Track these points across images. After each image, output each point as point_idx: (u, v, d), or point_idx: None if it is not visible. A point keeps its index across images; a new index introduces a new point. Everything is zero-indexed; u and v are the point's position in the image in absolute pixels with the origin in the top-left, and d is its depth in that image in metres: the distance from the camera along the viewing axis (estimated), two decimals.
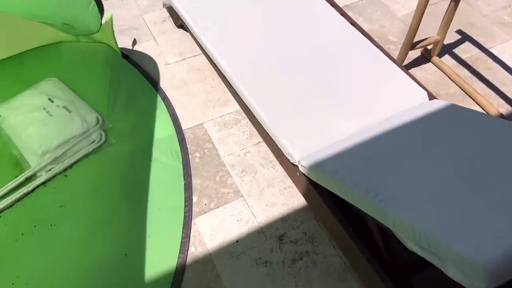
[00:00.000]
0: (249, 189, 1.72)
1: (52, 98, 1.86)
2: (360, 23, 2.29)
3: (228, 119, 1.94)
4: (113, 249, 1.53)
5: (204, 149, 1.84)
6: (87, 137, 1.79)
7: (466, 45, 2.26)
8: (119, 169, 1.74)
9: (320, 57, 1.84)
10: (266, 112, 1.66)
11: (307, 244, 1.58)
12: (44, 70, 2.02)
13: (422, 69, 2.15)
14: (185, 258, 1.54)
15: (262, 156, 1.82)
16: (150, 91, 2.00)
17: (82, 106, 1.88)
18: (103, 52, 2.11)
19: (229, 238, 1.59)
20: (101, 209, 1.63)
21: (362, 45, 1.90)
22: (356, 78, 1.77)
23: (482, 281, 0.92)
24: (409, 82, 1.75)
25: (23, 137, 1.77)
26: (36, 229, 1.57)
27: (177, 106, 1.97)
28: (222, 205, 1.68)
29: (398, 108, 1.65)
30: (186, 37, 2.24)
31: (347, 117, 1.64)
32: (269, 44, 1.90)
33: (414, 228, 1.06)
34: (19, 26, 2.01)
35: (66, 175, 1.71)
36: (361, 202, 1.24)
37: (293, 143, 1.55)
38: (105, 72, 2.05)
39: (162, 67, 2.12)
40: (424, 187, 1.18)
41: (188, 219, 1.63)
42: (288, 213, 1.66)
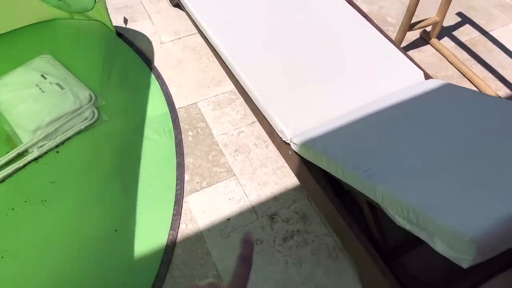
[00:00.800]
0: (241, 168, 1.71)
1: (45, 75, 1.85)
2: (359, 4, 2.26)
3: (222, 99, 1.92)
4: (104, 225, 1.53)
5: (198, 128, 1.83)
6: (80, 114, 1.78)
7: (466, 27, 2.22)
8: (111, 146, 1.73)
9: (317, 37, 1.82)
10: (259, 90, 1.64)
11: (299, 223, 1.57)
12: (37, 47, 2.00)
13: (421, 51, 2.12)
14: (175, 235, 1.53)
15: (255, 136, 1.81)
16: (144, 70, 1.98)
17: (75, 83, 1.86)
18: (97, 30, 2.09)
19: (220, 216, 1.58)
20: (92, 185, 1.62)
21: (360, 25, 1.87)
22: (352, 57, 1.74)
23: (470, 254, 0.91)
24: (406, 62, 1.72)
25: (15, 113, 1.76)
26: (27, 204, 1.56)
27: (171, 85, 1.95)
28: (214, 184, 1.67)
29: (394, 87, 1.63)
30: (182, 16, 2.21)
31: (341, 96, 1.61)
32: (265, 23, 1.88)
33: (402, 202, 1.04)
34: (13, 3, 1.99)
35: (58, 151, 1.70)
36: (351, 178, 1.22)
37: (286, 120, 1.53)
38: (99, 50, 2.03)
39: (156, 46, 2.10)
40: (413, 163, 1.16)
41: (180, 197, 1.62)
42: (280, 193, 1.65)
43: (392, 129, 1.34)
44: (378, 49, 1.78)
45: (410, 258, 1.39)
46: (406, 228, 1.07)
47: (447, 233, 0.95)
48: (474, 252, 0.90)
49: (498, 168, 1.09)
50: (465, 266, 0.93)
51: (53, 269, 1.42)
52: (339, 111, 1.55)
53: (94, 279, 1.41)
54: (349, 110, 1.55)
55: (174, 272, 1.44)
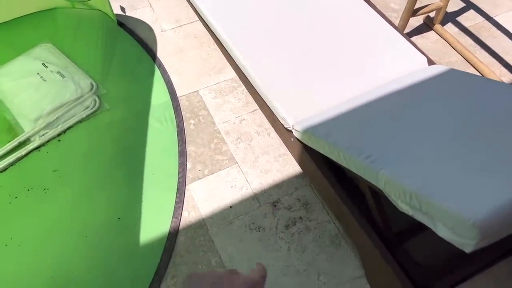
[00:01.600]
0: (243, 156, 1.71)
1: (46, 64, 1.84)
2: None
3: (224, 87, 1.91)
4: (106, 213, 1.53)
5: (199, 116, 1.82)
6: (81, 103, 1.77)
7: (470, 13, 2.20)
8: (113, 134, 1.73)
9: (319, 23, 1.80)
10: (261, 77, 1.63)
11: (301, 210, 1.57)
12: (38, 36, 1.99)
13: (424, 37, 2.09)
14: (178, 223, 1.53)
15: (257, 123, 1.80)
16: (145, 58, 1.97)
17: (76, 71, 1.85)
18: (98, 19, 2.08)
19: (222, 204, 1.58)
20: (95, 173, 1.62)
21: (363, 11, 1.84)
22: (355, 44, 1.72)
23: (473, 238, 0.90)
24: (409, 48, 1.70)
25: (16, 102, 1.76)
26: (29, 192, 1.56)
27: (173, 73, 1.94)
28: (217, 172, 1.67)
29: (396, 73, 1.61)
30: (183, 4, 2.19)
31: (344, 82, 1.60)
32: (267, 10, 1.86)
33: (404, 187, 1.04)
34: None
35: (59, 140, 1.70)
36: (353, 164, 1.21)
37: (288, 107, 1.52)
38: (100, 38, 2.02)
39: (158, 34, 2.08)
40: (417, 149, 1.15)
41: (182, 185, 1.62)
42: (282, 180, 1.65)
43: (395, 115, 1.33)
44: (381, 35, 1.76)
45: (413, 244, 1.38)
46: (409, 214, 1.07)
47: (450, 217, 0.94)
48: (477, 236, 0.90)
49: (502, 153, 1.08)
50: (468, 251, 0.93)
51: (56, 257, 1.43)
52: (341, 98, 1.54)
53: (97, 267, 1.42)
54: (352, 96, 1.54)
55: (177, 259, 1.45)
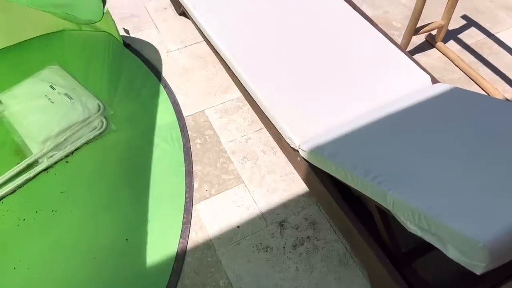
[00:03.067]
0: (250, 175, 1.71)
1: (54, 86, 1.86)
2: (364, 9, 2.26)
3: (229, 106, 1.93)
4: (114, 234, 1.54)
5: (205, 135, 1.83)
6: (89, 124, 1.79)
7: (471, 30, 2.22)
8: (120, 155, 1.74)
9: (322, 42, 1.82)
10: (266, 97, 1.65)
11: (308, 230, 1.57)
12: (46, 58, 2.03)
13: (426, 55, 2.12)
14: (185, 244, 1.53)
15: (263, 142, 1.81)
16: (152, 79, 1.99)
17: (84, 93, 1.88)
18: (104, 40, 2.11)
19: (230, 224, 1.59)
20: (103, 195, 1.63)
21: (365, 30, 1.87)
22: (359, 62, 1.75)
23: (482, 261, 0.91)
24: (412, 67, 1.72)
25: (24, 124, 1.78)
26: (37, 214, 1.57)
27: (179, 93, 1.96)
28: (223, 191, 1.67)
29: (401, 92, 1.63)
30: (188, 25, 2.22)
31: (349, 101, 1.62)
32: (271, 29, 1.89)
33: (413, 208, 1.04)
34: (22, 15, 2.02)
35: (67, 161, 1.71)
36: (361, 184, 1.22)
37: (293, 127, 1.54)
38: (106, 60, 2.05)
39: (163, 55, 2.11)
40: (424, 169, 1.16)
41: (189, 205, 1.62)
42: (289, 199, 1.65)
43: (401, 135, 1.34)
44: (384, 54, 1.78)
45: (422, 264, 1.38)
46: (418, 235, 1.07)
47: (460, 239, 0.95)
48: (488, 258, 0.90)
49: (509, 172, 1.09)
50: (478, 273, 0.93)
51: (65, 279, 1.43)
52: (347, 117, 1.56)
53: None
54: (357, 115, 1.55)
55: (185, 281, 1.45)
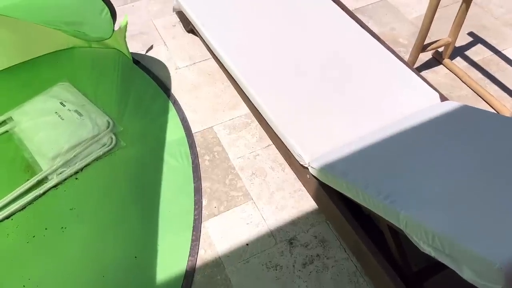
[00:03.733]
0: (259, 192, 1.71)
1: (64, 102, 1.88)
2: (370, 26, 2.28)
3: (237, 122, 1.94)
4: (123, 251, 1.53)
5: (214, 152, 1.84)
6: (98, 141, 1.80)
7: (478, 47, 2.23)
8: (129, 172, 1.75)
9: (330, 59, 1.84)
10: (275, 114, 1.65)
11: (318, 248, 1.56)
12: (56, 75, 2.05)
13: (434, 72, 2.12)
14: (195, 261, 1.53)
15: (271, 159, 1.81)
16: (161, 95, 2.01)
17: (93, 110, 1.89)
18: (114, 57, 2.13)
19: (239, 241, 1.58)
20: (112, 212, 1.63)
21: (373, 48, 1.89)
22: (367, 80, 1.76)
23: (498, 283, 0.90)
24: (421, 84, 1.73)
25: (35, 140, 1.79)
26: (47, 231, 1.57)
27: (187, 109, 1.98)
28: (232, 208, 1.67)
29: (409, 110, 1.63)
30: (196, 42, 2.25)
31: (358, 119, 1.62)
32: (279, 47, 1.90)
33: (426, 229, 1.04)
34: (33, 32, 2.04)
35: (77, 178, 1.72)
36: (372, 203, 1.22)
37: (303, 144, 1.54)
38: (116, 76, 2.07)
39: (172, 72, 2.13)
40: (436, 188, 1.16)
41: (198, 222, 1.62)
42: (298, 216, 1.65)
43: (411, 153, 1.34)
44: (392, 71, 1.79)
45: (434, 283, 1.36)
46: (431, 255, 1.06)
47: (475, 260, 0.94)
48: (503, 280, 0.89)
49: None
50: None
51: None
52: (356, 134, 1.56)
53: None
54: (367, 133, 1.55)
55: None
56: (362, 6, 2.46)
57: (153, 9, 2.45)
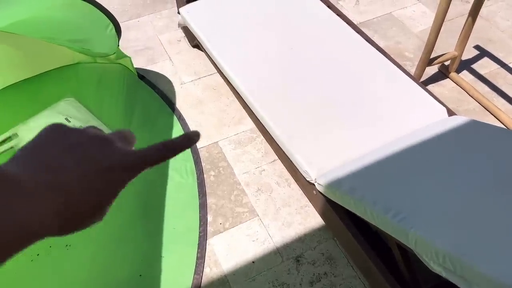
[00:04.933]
0: (264, 208, 1.69)
1: (69, 118, 1.88)
2: (376, 40, 2.27)
3: (242, 137, 1.93)
4: (128, 269, 1.51)
5: (219, 167, 1.83)
6: None
7: (484, 60, 2.22)
8: (134, 188, 1.72)
9: (336, 74, 1.83)
10: (281, 129, 1.64)
11: (325, 265, 1.53)
12: (62, 90, 2.05)
13: (440, 85, 2.11)
14: (200, 280, 1.50)
15: (277, 174, 1.80)
16: (166, 110, 2.00)
17: (98, 125, 1.88)
18: (119, 73, 2.13)
19: (244, 259, 1.56)
20: (116, 228, 1.62)
21: (378, 62, 1.88)
22: (373, 95, 1.74)
23: None
24: (428, 98, 1.72)
25: None
26: (51, 249, 1.56)
27: (192, 124, 1.97)
28: (238, 225, 1.65)
29: (417, 124, 1.61)
30: (201, 57, 2.25)
31: (364, 134, 1.61)
32: (284, 61, 1.90)
33: (437, 248, 1.01)
34: (38, 48, 2.05)
35: None
36: (381, 221, 1.20)
37: (309, 160, 1.52)
38: (121, 92, 2.06)
39: (177, 87, 2.13)
40: (446, 206, 1.13)
41: (203, 239, 1.60)
42: (305, 233, 1.62)
43: (420, 169, 1.32)
44: (399, 86, 1.78)
45: None
46: (442, 275, 1.04)
47: (487, 282, 0.91)
48: None
49: None
50: None
51: None
52: (363, 149, 1.54)
53: None
54: (374, 148, 1.54)
55: None
56: (367, 20, 2.46)
57: (158, 24, 2.46)
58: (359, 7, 2.54)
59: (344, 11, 2.45)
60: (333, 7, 2.18)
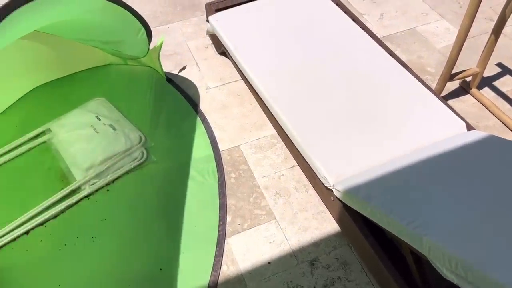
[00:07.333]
0: (282, 212, 1.74)
1: (100, 117, 1.97)
2: (398, 53, 2.32)
3: (263, 142, 1.99)
4: (149, 263, 1.58)
5: (240, 170, 1.89)
6: (130, 154, 1.88)
7: (506, 78, 2.24)
8: (158, 186, 1.81)
9: (358, 85, 1.88)
10: (302, 135, 1.70)
11: (339, 270, 1.57)
12: (93, 90, 2.15)
13: (461, 101, 2.14)
14: (217, 276, 1.56)
15: (296, 179, 1.84)
16: (191, 113, 2.08)
17: (127, 125, 1.98)
18: (148, 75, 2.23)
19: (261, 259, 1.61)
20: (139, 224, 1.69)
21: (400, 74, 1.92)
22: (394, 106, 1.79)
23: None
24: (447, 112, 1.75)
25: (70, 152, 1.88)
26: (78, 240, 1.64)
27: (216, 128, 2.04)
28: (255, 226, 1.70)
29: (435, 137, 1.65)
30: (227, 64, 2.33)
31: (383, 144, 1.65)
32: (308, 71, 1.96)
33: (450, 255, 1.05)
34: (73, 49, 2.16)
35: (108, 189, 1.79)
36: (396, 228, 1.23)
37: (328, 166, 1.57)
38: (149, 93, 2.16)
39: (203, 91, 2.21)
40: (460, 216, 1.17)
41: (222, 238, 1.66)
42: (320, 238, 1.66)
43: (437, 180, 1.35)
44: (419, 99, 1.82)
45: None
46: (454, 282, 1.07)
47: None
48: None
49: None
50: None
51: None
52: (381, 159, 1.58)
53: None
54: (392, 158, 1.58)
55: None
56: (390, 34, 2.50)
57: (187, 31, 2.55)
58: (383, 21, 2.59)
59: (368, 24, 2.50)
60: (358, 20, 2.23)
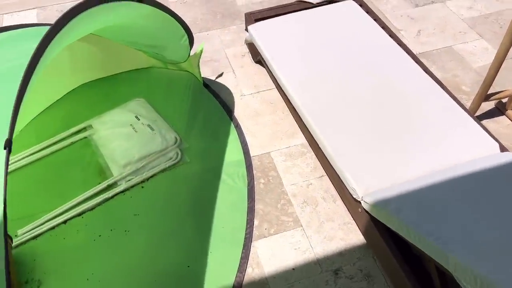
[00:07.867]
0: (308, 220, 1.77)
1: (139, 116, 2.07)
2: (433, 71, 2.32)
3: (294, 151, 2.03)
4: (178, 259, 1.64)
5: (269, 176, 1.93)
6: (165, 154, 1.96)
7: None
8: (190, 186, 1.88)
9: (392, 99, 1.90)
10: (332, 146, 1.73)
11: (363, 282, 1.59)
12: (134, 91, 2.25)
13: (495, 121, 2.12)
14: (242, 278, 1.60)
15: (324, 189, 1.88)
16: (225, 118, 2.15)
17: (164, 125, 2.06)
18: (187, 80, 2.32)
19: (285, 265, 1.64)
20: (170, 221, 1.76)
21: (434, 92, 1.93)
22: (426, 122, 1.79)
23: None
24: (480, 132, 1.74)
25: (109, 148, 1.97)
26: (112, 232, 1.72)
27: (248, 134, 2.10)
28: (282, 232, 1.74)
29: (467, 156, 1.65)
30: (262, 72, 2.39)
31: (414, 159, 1.66)
32: (342, 83, 1.99)
33: (475, 273, 1.06)
34: (118, 51, 2.27)
35: (143, 186, 1.87)
36: (423, 243, 1.25)
37: (357, 178, 1.60)
38: (187, 97, 2.24)
39: (237, 98, 2.27)
40: (488, 235, 1.17)
41: (248, 241, 1.70)
42: (345, 248, 1.69)
43: (467, 199, 1.36)
44: (453, 117, 1.82)
45: None
46: None
47: None
48: None
49: None
50: None
51: None
52: (411, 174, 1.60)
53: None
54: (421, 174, 1.59)
55: None
56: (426, 51, 2.51)
57: (226, 38, 2.63)
58: (420, 38, 2.59)
59: (405, 40, 2.52)
60: (394, 36, 2.25)
